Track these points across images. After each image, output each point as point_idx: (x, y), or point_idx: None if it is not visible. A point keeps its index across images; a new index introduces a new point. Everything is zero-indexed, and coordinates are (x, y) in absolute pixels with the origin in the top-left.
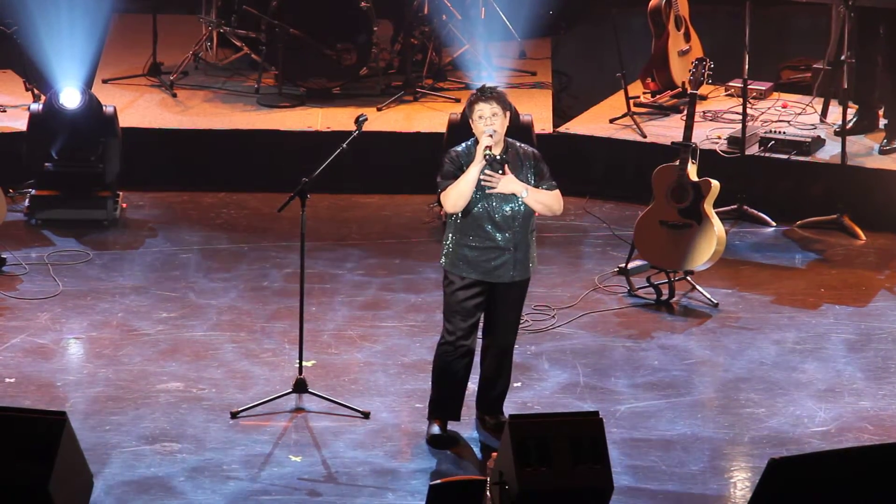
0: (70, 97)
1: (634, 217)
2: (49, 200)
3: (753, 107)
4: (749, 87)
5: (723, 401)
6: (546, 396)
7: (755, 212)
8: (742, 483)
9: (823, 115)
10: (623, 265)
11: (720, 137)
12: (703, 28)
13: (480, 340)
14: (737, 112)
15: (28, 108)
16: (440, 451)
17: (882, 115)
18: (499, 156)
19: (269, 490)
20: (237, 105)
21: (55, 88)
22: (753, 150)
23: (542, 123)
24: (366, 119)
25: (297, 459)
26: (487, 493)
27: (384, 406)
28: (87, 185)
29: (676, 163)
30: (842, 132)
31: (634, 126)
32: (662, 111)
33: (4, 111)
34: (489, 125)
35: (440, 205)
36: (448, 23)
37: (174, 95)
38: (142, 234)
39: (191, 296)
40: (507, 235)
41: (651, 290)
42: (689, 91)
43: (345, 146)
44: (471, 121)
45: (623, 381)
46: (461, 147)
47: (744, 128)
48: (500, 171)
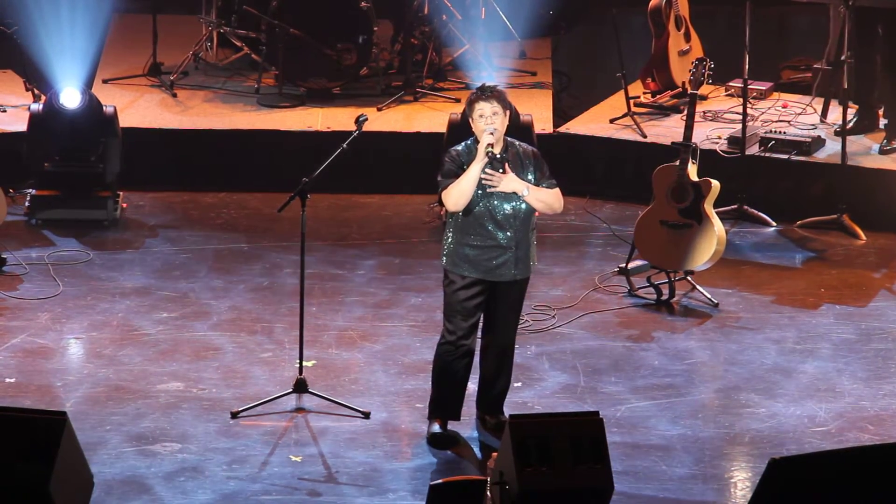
0: (70, 97)
1: (635, 217)
2: (49, 200)
3: (754, 107)
4: (749, 87)
5: (723, 401)
6: (546, 396)
7: (755, 212)
8: (742, 483)
9: (824, 115)
10: (623, 265)
11: (720, 137)
12: (704, 28)
13: (480, 340)
14: (737, 112)
15: (28, 108)
16: (440, 451)
17: (882, 115)
18: (499, 154)
19: (269, 490)
20: (237, 105)
21: (55, 88)
22: (754, 150)
23: (543, 123)
24: (366, 119)
25: (298, 459)
26: (488, 493)
27: (384, 406)
28: (88, 185)
29: (677, 163)
30: (842, 132)
31: (635, 126)
32: (663, 111)
33: (4, 111)
34: (489, 124)
35: (441, 204)
36: (448, 23)
37: (174, 95)
38: (142, 234)
39: (191, 296)
40: (509, 234)
41: (651, 290)
42: (690, 91)
43: (345, 146)
44: (471, 120)
45: (623, 381)
46: (461, 146)
47: (744, 128)
48: (501, 170)
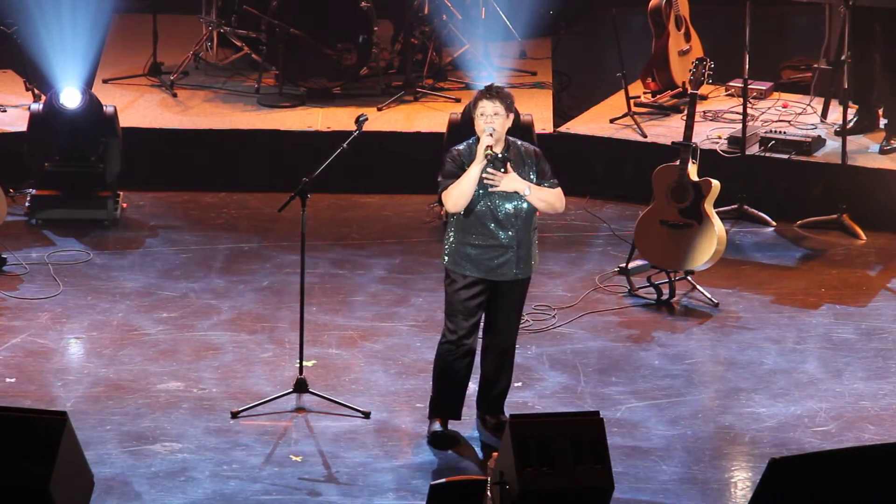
0: (70, 97)
1: (635, 217)
2: (49, 200)
3: (754, 107)
4: (749, 87)
5: (723, 401)
6: (546, 396)
7: (755, 211)
8: (742, 483)
9: (824, 115)
10: (623, 265)
11: (720, 137)
12: (704, 28)
13: (481, 340)
14: (737, 112)
15: (28, 108)
16: (440, 451)
17: (882, 115)
18: (500, 154)
19: (269, 490)
20: (237, 105)
21: (55, 88)
22: (754, 150)
23: (543, 123)
24: (366, 119)
25: (298, 459)
26: (488, 493)
27: (384, 406)
28: (88, 185)
29: (677, 163)
30: (842, 132)
31: (635, 126)
32: (663, 111)
33: (5, 111)
34: (489, 123)
35: (441, 204)
36: (448, 23)
37: (174, 95)
38: (142, 234)
39: (191, 296)
40: (510, 233)
41: (651, 290)
42: (690, 91)
43: (345, 146)
44: (473, 116)
45: (623, 381)
46: (462, 146)
47: (744, 127)
48: (503, 170)
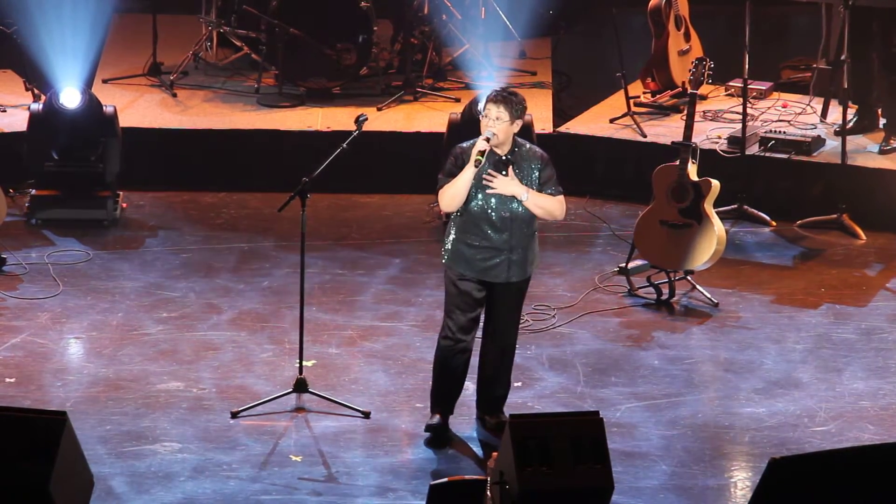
0: (70, 97)
1: (635, 217)
2: (49, 200)
3: (753, 106)
4: (749, 87)
5: (723, 401)
6: (546, 396)
7: (755, 211)
8: (742, 483)
9: (823, 115)
10: (623, 265)
11: (720, 137)
12: (703, 28)
13: (480, 340)
14: (737, 112)
15: (28, 108)
16: (440, 451)
17: (881, 115)
18: (504, 156)
19: (269, 490)
20: (237, 105)
21: (55, 88)
22: (754, 150)
23: (543, 123)
24: (366, 119)
25: (298, 459)
26: (488, 493)
27: (384, 406)
28: (88, 185)
29: (677, 162)
30: (842, 132)
31: (634, 126)
32: (662, 111)
33: (4, 111)
34: (489, 127)
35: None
36: (448, 22)
37: (174, 95)
38: (142, 234)
39: (191, 295)
40: (505, 237)
41: (651, 290)
42: (690, 91)
43: (345, 146)
44: (479, 117)
45: (623, 381)
46: (466, 144)
47: (744, 127)
48: (504, 172)
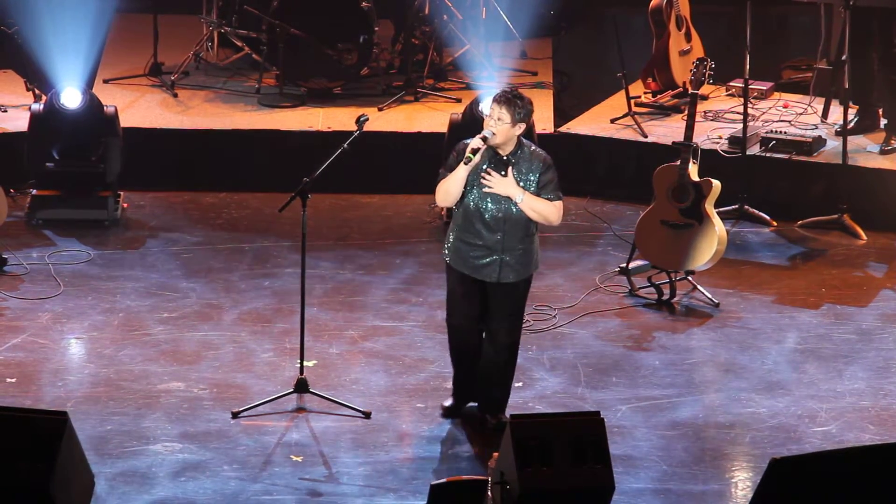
0: (71, 97)
1: (635, 217)
2: (50, 200)
3: (754, 107)
4: (750, 87)
5: (723, 401)
6: (547, 396)
7: (756, 211)
8: (742, 483)
9: (824, 115)
10: (624, 265)
11: (721, 137)
12: (704, 28)
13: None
14: (738, 112)
15: (29, 108)
16: (440, 451)
17: (882, 115)
18: (505, 157)
19: (269, 490)
20: (238, 105)
21: (56, 88)
22: (754, 150)
23: (543, 123)
24: (367, 119)
25: (298, 459)
26: (488, 493)
27: (385, 406)
28: (88, 185)
29: (677, 163)
30: (843, 132)
31: (635, 126)
32: (663, 111)
33: (5, 111)
34: (488, 127)
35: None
36: (449, 23)
37: (175, 95)
38: (142, 234)
39: (191, 296)
40: (497, 237)
41: (652, 290)
42: (690, 91)
43: (346, 146)
44: (483, 115)
45: (624, 381)
46: (470, 140)
47: (745, 128)
48: (503, 172)
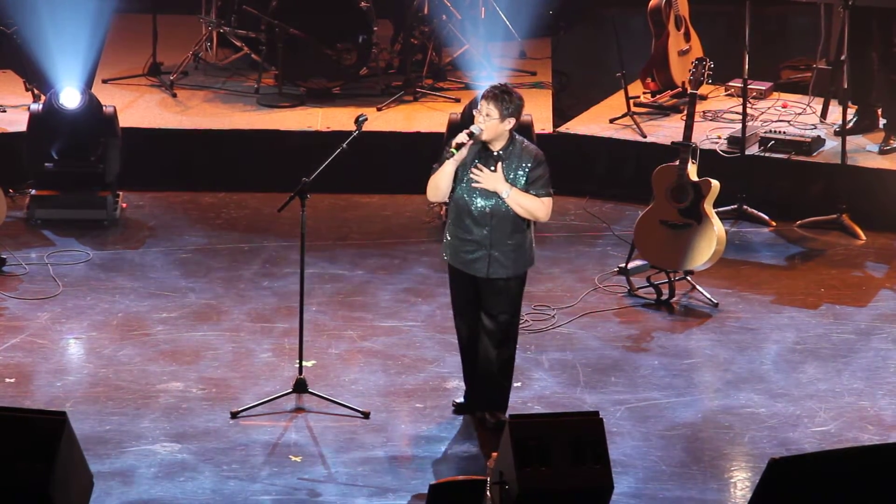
0: (70, 97)
1: (634, 217)
2: (49, 200)
3: (753, 107)
4: (749, 87)
5: (723, 401)
6: (546, 396)
7: (755, 212)
8: (742, 483)
9: (823, 115)
10: (623, 265)
11: (720, 137)
12: (703, 28)
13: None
14: (737, 112)
15: (28, 108)
16: (440, 451)
17: (881, 115)
18: (496, 152)
19: (269, 490)
20: (237, 105)
21: (55, 88)
22: (753, 150)
23: (542, 123)
24: (366, 119)
25: (297, 460)
26: (487, 493)
27: (384, 406)
28: (87, 185)
29: (676, 163)
30: (842, 132)
31: (634, 126)
32: (662, 111)
33: (4, 111)
34: (478, 123)
35: (439, 204)
36: (448, 23)
37: (174, 95)
38: (142, 234)
39: (190, 296)
40: (485, 232)
41: (651, 290)
42: (689, 91)
43: (345, 146)
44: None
45: (623, 381)
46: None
47: (744, 128)
48: (493, 168)
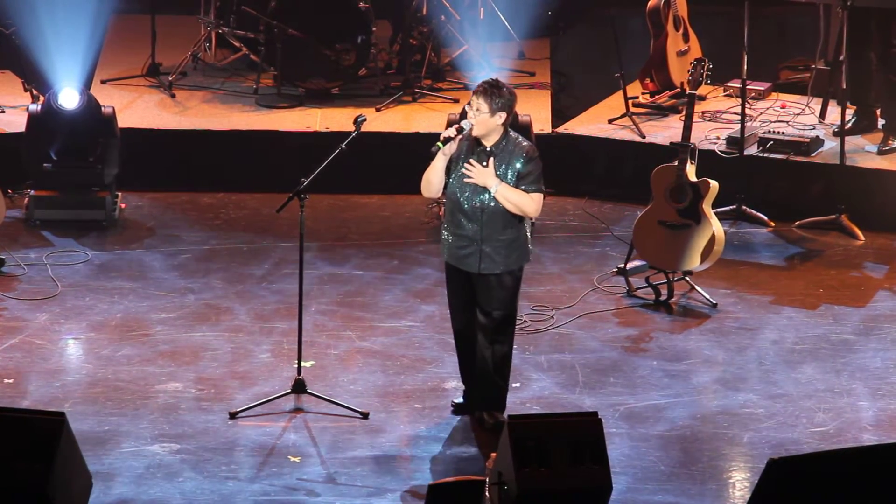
0: (69, 98)
1: (633, 217)
2: (48, 201)
3: (752, 107)
4: (748, 88)
5: (721, 401)
6: (545, 397)
7: (754, 212)
8: (741, 483)
9: (822, 116)
10: (622, 265)
11: (719, 138)
12: (702, 28)
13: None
14: (735, 112)
15: (27, 109)
16: (439, 452)
17: (880, 115)
18: (488, 148)
19: (268, 490)
20: (236, 105)
21: (54, 89)
22: (752, 151)
23: (541, 124)
24: (364, 119)
25: (296, 460)
26: (486, 494)
27: (383, 406)
28: (86, 186)
29: (675, 163)
30: (840, 132)
31: (633, 126)
32: (661, 111)
33: (3, 112)
34: (470, 118)
35: (438, 204)
36: (447, 23)
37: (173, 96)
38: (140, 235)
39: (189, 296)
40: (475, 227)
41: (650, 291)
42: (688, 91)
43: (344, 146)
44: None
45: (622, 382)
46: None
47: (742, 128)
48: (485, 163)
